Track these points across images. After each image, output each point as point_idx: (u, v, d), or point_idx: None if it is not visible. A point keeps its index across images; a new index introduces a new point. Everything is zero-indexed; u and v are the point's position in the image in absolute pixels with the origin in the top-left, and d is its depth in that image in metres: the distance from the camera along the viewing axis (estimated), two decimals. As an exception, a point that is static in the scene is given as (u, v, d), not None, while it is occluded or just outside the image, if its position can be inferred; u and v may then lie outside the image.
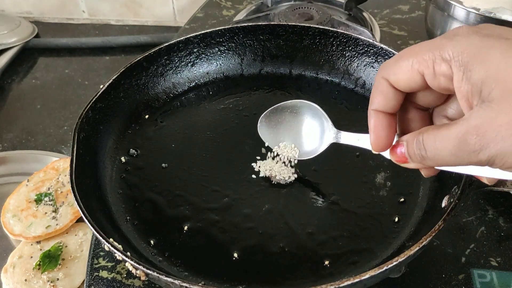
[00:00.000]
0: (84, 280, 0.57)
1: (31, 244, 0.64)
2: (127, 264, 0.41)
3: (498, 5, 0.64)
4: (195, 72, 0.67)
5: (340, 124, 0.61)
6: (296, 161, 0.55)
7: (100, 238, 0.42)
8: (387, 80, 0.34)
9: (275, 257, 0.48)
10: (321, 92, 0.66)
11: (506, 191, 0.55)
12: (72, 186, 0.46)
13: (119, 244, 0.44)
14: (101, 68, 1.01)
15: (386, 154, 0.38)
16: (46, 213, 0.66)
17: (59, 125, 0.87)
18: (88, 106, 0.54)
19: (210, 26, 0.91)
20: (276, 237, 0.49)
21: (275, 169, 0.54)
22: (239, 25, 0.66)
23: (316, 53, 0.66)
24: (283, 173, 0.54)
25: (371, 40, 0.62)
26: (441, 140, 0.31)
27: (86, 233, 0.65)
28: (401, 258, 0.39)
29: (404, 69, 0.32)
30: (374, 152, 0.39)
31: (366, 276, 0.38)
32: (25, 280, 0.60)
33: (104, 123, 0.57)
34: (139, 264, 0.40)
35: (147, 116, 0.62)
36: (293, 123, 0.54)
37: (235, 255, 0.48)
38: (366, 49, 0.63)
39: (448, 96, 0.36)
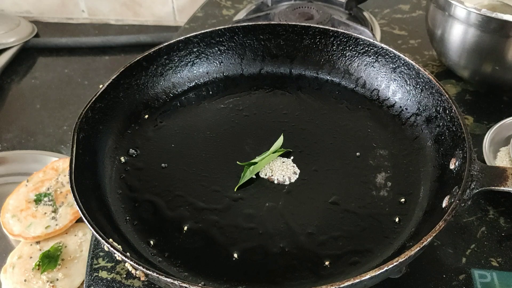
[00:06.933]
0: (83, 281, 0.56)
1: (31, 245, 0.64)
2: (126, 264, 0.41)
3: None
4: (195, 72, 0.66)
5: (340, 124, 0.61)
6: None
7: (100, 238, 0.42)
8: None
9: (275, 257, 0.47)
10: (321, 92, 0.66)
11: (507, 191, 0.55)
12: (71, 186, 0.46)
13: (118, 244, 0.44)
14: (101, 68, 1.01)
15: None
16: (45, 213, 0.66)
17: (58, 125, 0.87)
18: (88, 106, 0.54)
19: (210, 26, 0.91)
20: (276, 237, 0.49)
21: (275, 169, 0.54)
22: (239, 24, 0.66)
23: (317, 52, 0.66)
24: (283, 173, 0.54)
25: (371, 40, 0.62)
26: None
27: (86, 234, 0.65)
28: (401, 258, 0.39)
29: None
30: None
31: (366, 276, 0.38)
32: (25, 280, 0.60)
33: (104, 123, 0.57)
34: (139, 265, 0.40)
35: (146, 116, 0.62)
36: None
37: (235, 255, 0.48)
38: (366, 48, 0.63)
39: None
